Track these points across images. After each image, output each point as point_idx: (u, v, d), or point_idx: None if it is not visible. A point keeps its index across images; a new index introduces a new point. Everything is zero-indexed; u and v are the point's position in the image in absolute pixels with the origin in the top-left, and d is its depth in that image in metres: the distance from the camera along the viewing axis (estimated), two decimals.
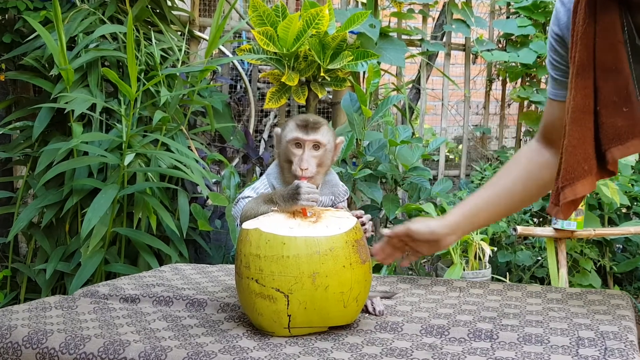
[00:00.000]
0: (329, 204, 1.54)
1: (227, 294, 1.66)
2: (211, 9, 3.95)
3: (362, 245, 1.37)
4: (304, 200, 1.35)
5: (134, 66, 2.39)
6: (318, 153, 1.44)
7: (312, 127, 1.43)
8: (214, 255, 3.01)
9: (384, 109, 2.97)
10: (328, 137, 1.45)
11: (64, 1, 2.93)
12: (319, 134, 1.43)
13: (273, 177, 1.50)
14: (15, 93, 3.23)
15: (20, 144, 2.86)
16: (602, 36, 1.34)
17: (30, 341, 1.36)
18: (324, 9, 2.76)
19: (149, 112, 2.80)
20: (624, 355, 1.19)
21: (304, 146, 1.43)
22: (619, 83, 1.34)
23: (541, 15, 3.51)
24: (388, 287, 1.75)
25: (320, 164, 1.45)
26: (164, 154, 2.63)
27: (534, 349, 1.25)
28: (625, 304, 1.52)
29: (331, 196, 1.54)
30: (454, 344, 1.31)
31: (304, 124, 1.44)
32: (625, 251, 3.38)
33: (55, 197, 2.64)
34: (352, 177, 2.83)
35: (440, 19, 3.83)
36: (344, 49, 2.84)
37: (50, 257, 2.66)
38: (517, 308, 1.52)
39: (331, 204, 1.55)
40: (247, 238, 1.34)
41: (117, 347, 1.29)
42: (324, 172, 1.49)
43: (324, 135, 1.44)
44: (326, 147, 1.45)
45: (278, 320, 1.33)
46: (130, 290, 1.70)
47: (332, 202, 1.55)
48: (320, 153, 1.44)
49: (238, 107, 4.12)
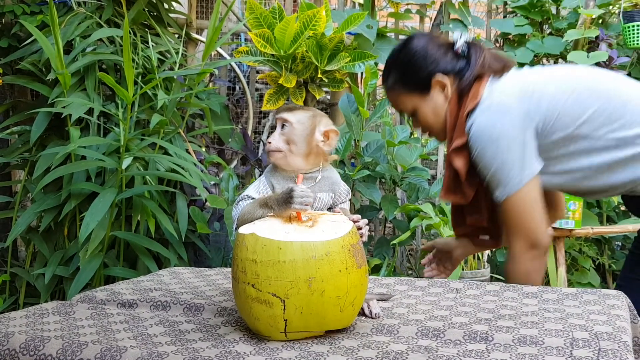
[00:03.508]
0: (328, 202, 1.54)
1: (225, 298, 1.67)
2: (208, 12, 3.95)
3: (359, 249, 1.37)
4: (297, 204, 1.36)
5: (131, 70, 2.39)
6: (285, 130, 1.49)
7: (286, 109, 1.51)
8: (213, 258, 3.02)
9: (381, 110, 2.98)
10: (298, 118, 1.49)
11: (60, 5, 2.94)
12: (288, 114, 1.49)
13: (271, 175, 1.52)
14: (12, 97, 3.23)
15: (18, 149, 2.87)
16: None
17: (28, 348, 1.36)
18: (321, 11, 2.76)
19: (146, 115, 2.80)
20: (618, 356, 1.19)
21: (276, 125, 1.51)
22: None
23: (538, 14, 3.51)
24: (385, 289, 1.75)
25: (289, 142, 1.48)
26: (162, 157, 2.63)
27: (529, 350, 1.26)
28: (620, 304, 1.52)
29: (331, 193, 1.54)
30: (450, 346, 1.31)
31: (284, 108, 1.52)
32: (624, 249, 3.38)
33: (54, 202, 2.64)
34: (351, 178, 2.84)
35: (437, 18, 3.83)
36: (341, 50, 2.85)
37: (49, 261, 2.67)
38: (513, 309, 1.52)
39: (332, 202, 1.55)
40: (244, 243, 1.34)
41: (113, 353, 1.29)
42: (300, 155, 1.49)
43: (294, 115, 1.49)
44: (293, 125, 1.48)
45: (274, 325, 1.33)
46: (127, 295, 1.71)
47: (333, 200, 1.56)
48: (287, 130, 1.48)
49: (236, 109, 4.12)
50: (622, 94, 1.80)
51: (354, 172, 2.83)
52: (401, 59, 1.91)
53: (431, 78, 1.87)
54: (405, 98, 1.93)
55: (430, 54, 1.87)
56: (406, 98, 1.93)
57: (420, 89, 1.89)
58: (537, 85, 1.80)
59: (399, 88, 1.93)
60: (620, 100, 1.78)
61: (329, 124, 1.53)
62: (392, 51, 1.98)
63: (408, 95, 1.92)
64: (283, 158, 1.49)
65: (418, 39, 1.91)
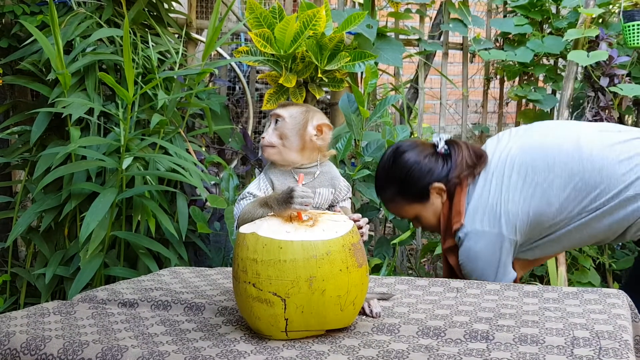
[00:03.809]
0: (329, 197, 1.54)
1: (225, 298, 1.67)
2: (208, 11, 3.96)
3: (359, 248, 1.38)
4: (297, 204, 1.36)
5: (131, 69, 2.39)
6: (278, 125, 1.51)
7: (280, 105, 1.54)
8: (214, 258, 3.01)
9: (382, 109, 2.98)
10: (291, 112, 1.51)
11: (60, 5, 2.94)
12: (281, 109, 1.52)
13: (270, 172, 1.52)
14: (12, 97, 3.23)
15: (18, 149, 2.87)
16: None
17: (29, 347, 1.36)
18: (321, 10, 2.76)
19: (146, 115, 2.80)
20: (619, 355, 1.20)
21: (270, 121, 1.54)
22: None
23: (538, 13, 3.51)
24: (386, 288, 1.75)
25: (282, 137, 1.50)
26: (162, 157, 2.63)
27: (529, 349, 1.26)
28: (621, 303, 1.52)
29: (331, 188, 1.54)
30: (450, 345, 1.31)
31: (278, 105, 1.56)
32: (625, 248, 3.38)
33: (54, 202, 2.64)
34: (351, 178, 2.84)
35: (437, 18, 3.83)
36: (341, 49, 2.84)
37: (50, 261, 2.66)
38: (514, 308, 1.52)
39: (332, 197, 1.55)
40: (244, 242, 1.34)
41: (115, 352, 1.29)
42: (294, 149, 1.50)
43: (287, 110, 1.52)
44: (285, 120, 1.50)
45: (275, 324, 1.33)
46: (128, 295, 1.71)
47: (334, 195, 1.56)
48: (279, 125, 1.50)
49: (236, 109, 4.12)
50: (584, 157, 1.94)
51: (354, 172, 2.83)
52: (397, 174, 2.09)
53: (429, 187, 2.05)
54: (408, 208, 2.13)
55: (423, 166, 2.06)
56: (408, 207, 2.13)
57: (420, 198, 2.08)
58: (502, 200, 1.97)
59: (399, 200, 2.13)
60: (587, 168, 1.93)
61: (322, 118, 1.53)
62: (382, 165, 2.14)
63: (409, 205, 2.12)
64: (277, 153, 1.50)
65: (408, 153, 2.08)
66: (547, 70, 3.53)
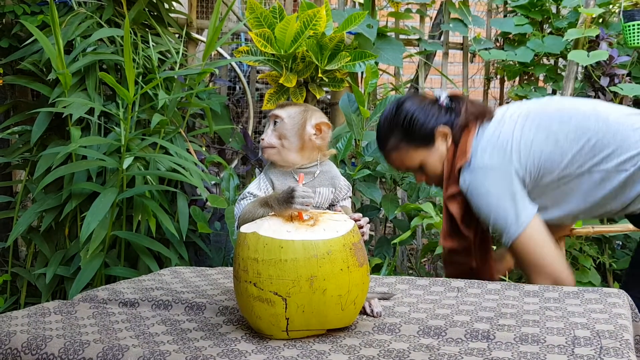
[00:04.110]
0: (329, 196, 1.54)
1: (226, 297, 1.67)
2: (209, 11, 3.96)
3: (360, 248, 1.38)
4: (298, 204, 1.36)
5: (132, 69, 2.39)
6: (277, 126, 1.51)
7: (278, 106, 1.54)
8: (214, 258, 3.01)
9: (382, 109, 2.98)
10: (289, 113, 1.51)
11: (61, 5, 2.94)
12: (279, 110, 1.52)
13: (270, 172, 1.52)
14: (13, 97, 3.23)
15: (19, 149, 2.87)
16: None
17: (30, 347, 1.36)
18: (321, 10, 2.76)
19: (147, 115, 2.80)
20: (619, 354, 1.20)
21: (269, 122, 1.55)
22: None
23: (538, 13, 3.51)
24: (386, 288, 1.75)
25: (281, 137, 1.50)
26: (162, 157, 2.63)
27: (530, 348, 1.26)
28: (621, 302, 1.52)
29: (331, 188, 1.54)
30: (451, 344, 1.31)
31: (277, 105, 1.56)
32: (625, 248, 3.38)
33: (55, 201, 2.64)
34: (351, 178, 2.84)
35: (437, 18, 3.84)
36: (341, 49, 2.84)
37: (50, 261, 2.67)
38: (514, 308, 1.52)
39: (333, 196, 1.56)
40: (245, 242, 1.34)
41: (115, 352, 1.29)
42: (293, 149, 1.50)
43: (285, 111, 1.52)
44: (284, 120, 1.50)
45: (276, 324, 1.33)
46: (129, 295, 1.71)
47: (334, 194, 1.56)
48: (278, 126, 1.51)
49: (237, 109, 4.12)
50: (600, 119, 1.91)
51: (355, 172, 2.83)
52: (401, 120, 2.05)
53: (434, 130, 2.02)
54: (413, 153, 2.07)
55: (427, 110, 2.04)
56: (414, 153, 2.07)
57: (426, 142, 2.04)
58: (514, 138, 1.93)
59: (404, 146, 2.07)
60: (602, 129, 1.89)
61: (321, 117, 1.53)
62: (385, 116, 2.10)
63: (415, 150, 2.06)
64: (277, 153, 1.50)
65: (409, 101, 2.07)
66: (548, 70, 3.53)
